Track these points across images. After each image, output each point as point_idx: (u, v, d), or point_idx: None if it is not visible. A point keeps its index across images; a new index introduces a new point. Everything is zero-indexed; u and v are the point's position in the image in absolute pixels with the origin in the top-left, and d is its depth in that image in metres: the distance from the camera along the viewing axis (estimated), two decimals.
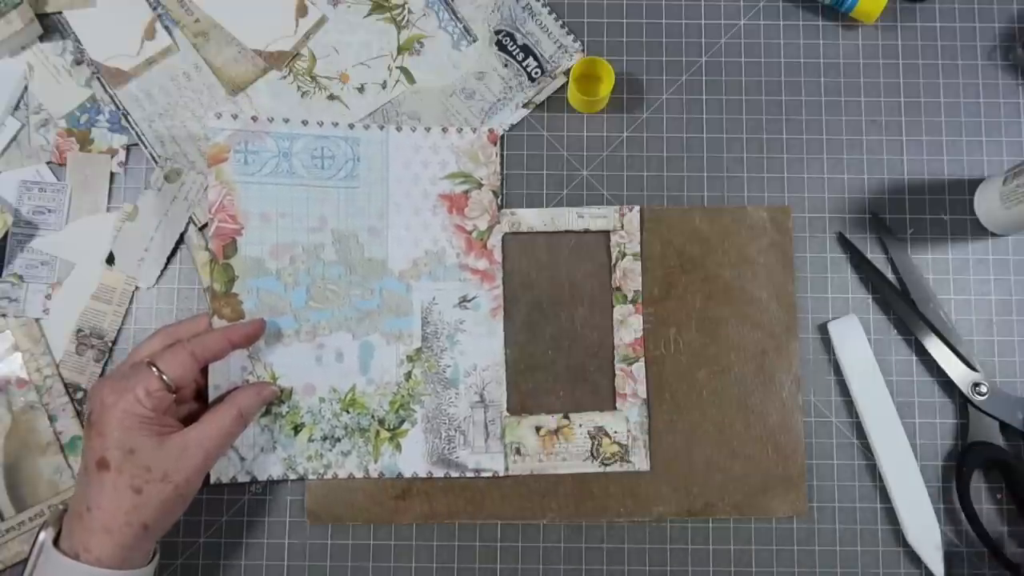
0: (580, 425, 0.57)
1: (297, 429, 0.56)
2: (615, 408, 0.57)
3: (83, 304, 0.57)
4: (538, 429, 0.57)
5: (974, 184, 0.60)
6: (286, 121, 0.57)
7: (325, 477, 0.55)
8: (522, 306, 0.58)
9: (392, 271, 0.57)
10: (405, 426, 0.56)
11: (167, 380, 0.48)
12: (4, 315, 0.57)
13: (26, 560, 0.47)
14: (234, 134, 0.57)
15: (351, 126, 0.58)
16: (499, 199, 0.58)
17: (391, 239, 0.57)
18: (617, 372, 0.57)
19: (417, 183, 0.58)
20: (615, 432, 0.57)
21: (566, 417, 0.57)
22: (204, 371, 0.54)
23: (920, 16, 0.62)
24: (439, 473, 0.56)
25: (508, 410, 0.57)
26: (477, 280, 0.57)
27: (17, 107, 0.59)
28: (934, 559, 0.55)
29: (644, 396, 0.57)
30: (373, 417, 0.56)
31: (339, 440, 0.56)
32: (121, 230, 0.58)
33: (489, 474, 0.56)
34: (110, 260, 0.58)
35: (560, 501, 0.56)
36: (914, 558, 0.56)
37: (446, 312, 0.57)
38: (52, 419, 0.56)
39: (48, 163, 0.59)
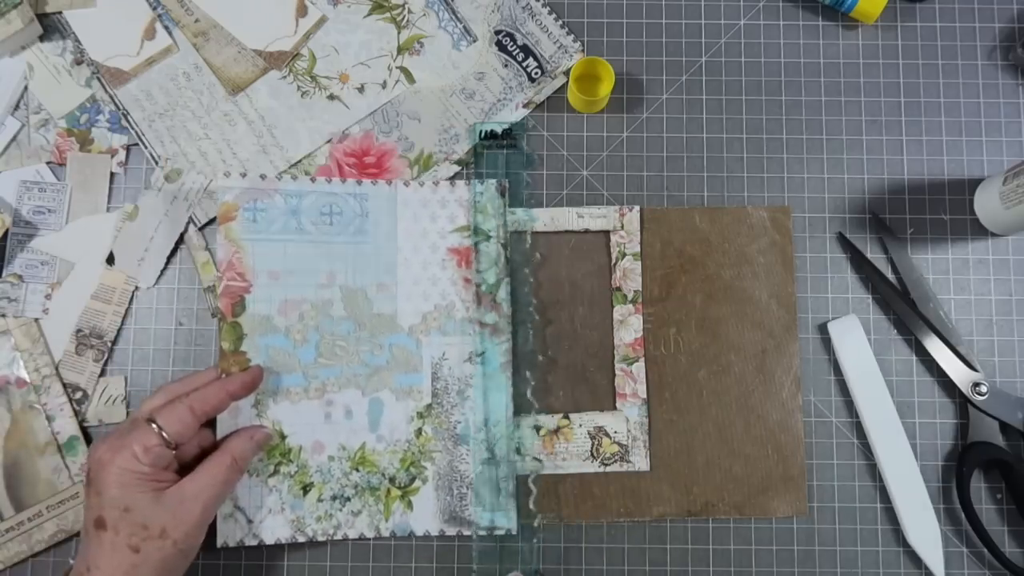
0: (580, 425, 0.57)
1: (306, 489, 0.55)
2: (615, 408, 0.57)
3: (83, 304, 0.57)
4: (538, 429, 0.57)
5: (974, 184, 0.60)
6: (294, 178, 0.57)
7: (335, 538, 0.55)
8: (521, 306, 0.58)
9: (401, 326, 0.57)
10: (416, 484, 0.55)
11: (166, 436, 0.47)
12: (4, 315, 0.57)
13: None
14: (242, 192, 0.56)
15: (359, 182, 0.58)
16: (507, 251, 0.58)
17: (400, 294, 0.57)
18: (617, 372, 0.57)
19: (426, 237, 0.57)
20: (615, 432, 0.57)
21: (566, 417, 0.57)
22: (215, 430, 0.53)
23: (920, 16, 0.62)
24: (451, 531, 0.55)
25: None
26: (487, 334, 0.57)
27: (17, 107, 0.59)
28: (934, 559, 0.54)
29: (644, 396, 0.57)
30: (383, 475, 0.55)
31: (349, 499, 0.55)
32: (121, 230, 0.58)
33: (502, 532, 0.55)
34: (110, 260, 0.58)
35: (560, 501, 0.56)
36: (914, 558, 0.56)
37: (456, 367, 0.56)
38: (50, 419, 0.56)
39: (48, 163, 0.59)
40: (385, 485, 0.55)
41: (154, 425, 0.47)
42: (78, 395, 0.56)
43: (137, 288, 0.58)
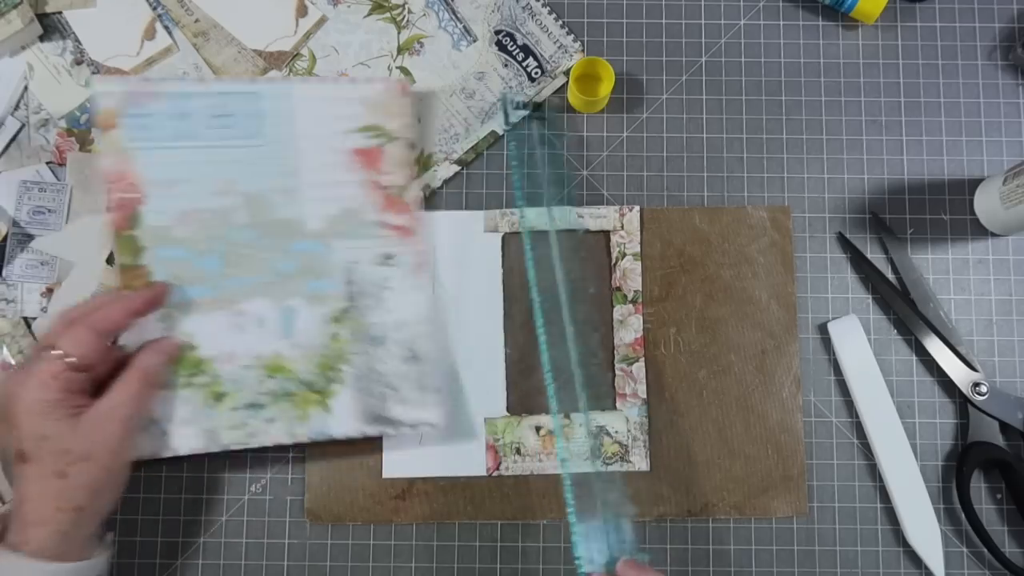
0: (580, 425, 0.57)
1: (219, 398, 0.53)
2: (615, 408, 0.57)
3: None
4: (538, 429, 0.57)
5: (974, 184, 0.60)
6: (182, 75, 0.54)
7: (250, 446, 0.53)
8: (521, 306, 0.58)
9: (309, 231, 0.55)
10: (334, 387, 0.54)
11: (70, 361, 0.47)
12: (4, 316, 0.57)
13: None
14: (124, 97, 0.53)
15: (252, 80, 0.56)
16: (416, 151, 0.56)
17: (305, 198, 0.55)
18: (617, 372, 0.57)
19: (328, 138, 0.56)
20: (615, 432, 0.57)
21: (567, 417, 0.57)
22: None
23: (920, 16, 0.62)
24: (373, 432, 0.54)
25: (508, 410, 0.57)
26: (397, 236, 0.56)
27: (17, 107, 0.59)
28: (934, 559, 0.54)
29: (644, 396, 0.57)
30: (300, 380, 0.54)
31: (263, 407, 0.53)
32: None
33: (428, 427, 0.55)
34: (110, 260, 0.58)
35: (560, 501, 0.56)
36: (914, 558, 0.56)
37: (369, 271, 0.55)
38: None
39: (48, 163, 0.59)
40: (302, 390, 0.54)
41: (57, 351, 0.47)
42: None
43: None
